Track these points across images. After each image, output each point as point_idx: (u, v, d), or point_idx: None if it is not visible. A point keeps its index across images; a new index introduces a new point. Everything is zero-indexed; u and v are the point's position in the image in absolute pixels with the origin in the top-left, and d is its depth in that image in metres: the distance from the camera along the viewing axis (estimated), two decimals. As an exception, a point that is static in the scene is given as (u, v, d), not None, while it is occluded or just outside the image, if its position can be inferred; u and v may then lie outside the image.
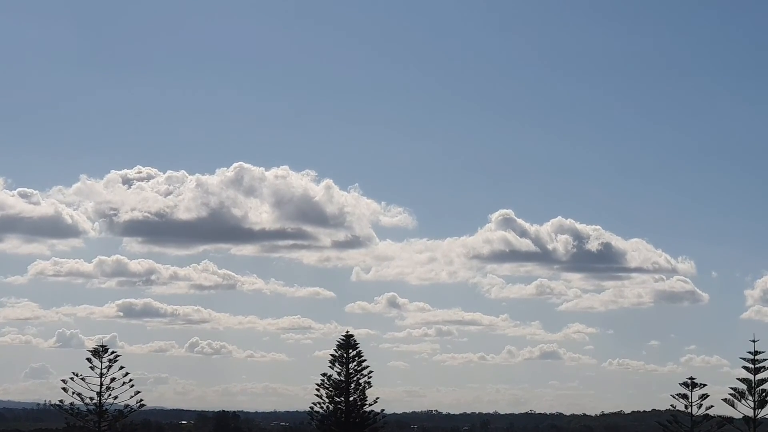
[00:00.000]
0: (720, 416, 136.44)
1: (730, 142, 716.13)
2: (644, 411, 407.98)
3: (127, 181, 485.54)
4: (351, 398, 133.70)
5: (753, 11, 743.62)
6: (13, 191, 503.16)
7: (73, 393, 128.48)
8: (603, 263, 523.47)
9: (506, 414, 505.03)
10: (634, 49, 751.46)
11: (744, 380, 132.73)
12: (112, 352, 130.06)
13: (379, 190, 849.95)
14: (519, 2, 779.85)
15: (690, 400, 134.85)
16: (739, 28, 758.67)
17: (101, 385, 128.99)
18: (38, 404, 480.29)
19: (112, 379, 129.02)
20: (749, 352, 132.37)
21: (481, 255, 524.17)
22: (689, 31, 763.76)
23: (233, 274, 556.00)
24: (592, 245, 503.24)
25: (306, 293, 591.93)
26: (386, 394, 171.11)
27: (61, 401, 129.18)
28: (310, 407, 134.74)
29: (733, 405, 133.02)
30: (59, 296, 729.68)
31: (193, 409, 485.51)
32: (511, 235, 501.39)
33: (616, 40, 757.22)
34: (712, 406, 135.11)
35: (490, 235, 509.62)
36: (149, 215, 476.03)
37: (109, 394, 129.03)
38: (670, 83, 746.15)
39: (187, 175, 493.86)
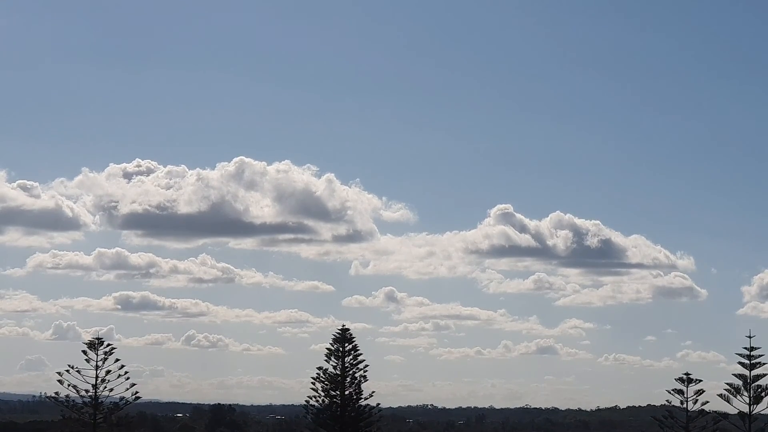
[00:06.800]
0: (715, 412, 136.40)
1: (731, 139, 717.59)
2: (640, 406, 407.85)
3: (128, 175, 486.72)
4: (346, 392, 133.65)
5: (752, 10, 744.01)
6: (13, 183, 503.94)
7: (69, 385, 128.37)
8: (601, 259, 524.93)
9: (502, 408, 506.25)
10: (634, 44, 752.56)
11: (740, 376, 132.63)
12: (108, 345, 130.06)
13: (380, 185, 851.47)
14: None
15: (686, 396, 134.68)
16: (740, 25, 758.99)
17: (97, 377, 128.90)
18: (34, 396, 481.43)
19: (108, 372, 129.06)
20: (745, 348, 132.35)
21: (480, 250, 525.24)
22: (691, 26, 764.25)
23: (232, 267, 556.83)
24: (591, 241, 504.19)
25: (304, 287, 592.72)
26: (382, 388, 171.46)
27: (56, 393, 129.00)
28: (305, 401, 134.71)
29: (728, 400, 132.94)
30: (57, 288, 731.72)
31: (188, 402, 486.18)
32: (510, 230, 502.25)
33: (616, 34, 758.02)
34: (707, 402, 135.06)
35: (489, 230, 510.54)
36: (149, 208, 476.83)
37: (105, 387, 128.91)
38: (669, 78, 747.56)
39: (187, 169, 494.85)
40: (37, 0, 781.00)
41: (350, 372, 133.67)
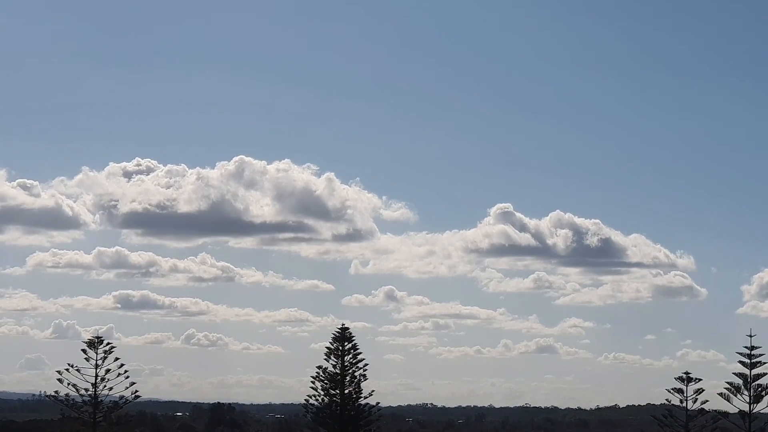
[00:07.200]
0: (715, 411, 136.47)
1: (731, 139, 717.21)
2: (639, 405, 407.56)
3: (128, 174, 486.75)
4: (346, 391, 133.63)
5: (752, 10, 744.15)
6: (13, 182, 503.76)
7: (69, 384, 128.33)
8: (601, 258, 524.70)
9: (501, 407, 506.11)
10: (634, 44, 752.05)
11: (740, 375, 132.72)
12: (108, 344, 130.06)
13: (380, 184, 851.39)
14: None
15: (685, 395, 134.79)
16: (740, 25, 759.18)
17: (96, 376, 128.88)
18: (34, 395, 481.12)
19: (108, 371, 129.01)
20: (745, 347, 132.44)
21: (479, 249, 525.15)
22: (691, 26, 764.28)
23: (232, 266, 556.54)
24: (591, 240, 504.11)
25: (304, 286, 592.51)
26: (381, 387, 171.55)
27: (56, 392, 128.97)
28: (305, 400, 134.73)
29: (728, 399, 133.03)
30: (57, 287, 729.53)
31: (188, 401, 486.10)
32: (510, 229, 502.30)
33: (616, 34, 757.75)
34: (707, 401, 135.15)
35: (489, 229, 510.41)
36: (149, 207, 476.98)
37: (105, 386, 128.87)
38: (669, 78, 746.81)
39: (187, 169, 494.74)
40: (38, 0, 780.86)
41: (350, 371, 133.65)
